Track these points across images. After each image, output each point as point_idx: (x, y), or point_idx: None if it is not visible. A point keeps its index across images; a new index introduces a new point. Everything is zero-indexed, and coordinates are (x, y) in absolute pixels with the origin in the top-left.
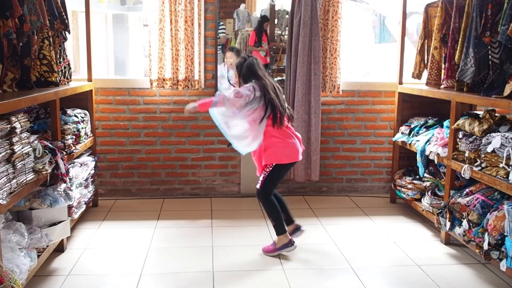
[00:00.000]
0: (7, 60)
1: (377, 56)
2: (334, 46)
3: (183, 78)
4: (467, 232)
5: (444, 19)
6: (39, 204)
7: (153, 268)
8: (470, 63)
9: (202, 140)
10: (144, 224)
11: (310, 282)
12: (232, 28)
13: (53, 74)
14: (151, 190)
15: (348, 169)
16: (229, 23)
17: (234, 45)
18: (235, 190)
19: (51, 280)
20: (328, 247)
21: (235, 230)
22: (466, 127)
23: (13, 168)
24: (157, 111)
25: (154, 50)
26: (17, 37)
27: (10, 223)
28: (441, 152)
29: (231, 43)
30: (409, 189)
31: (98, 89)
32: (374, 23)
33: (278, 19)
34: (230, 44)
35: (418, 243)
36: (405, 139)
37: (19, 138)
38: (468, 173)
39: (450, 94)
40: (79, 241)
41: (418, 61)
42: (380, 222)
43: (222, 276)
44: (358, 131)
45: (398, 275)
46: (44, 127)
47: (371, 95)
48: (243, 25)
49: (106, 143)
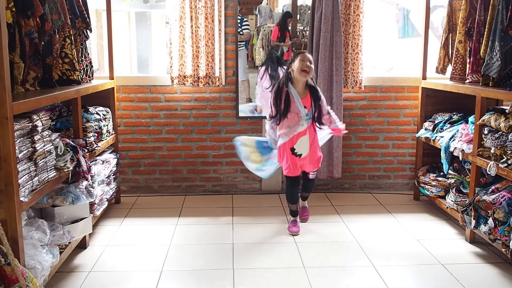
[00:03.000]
0: (29, 59)
1: (401, 51)
2: (356, 41)
3: (204, 75)
4: (492, 231)
5: (469, 12)
6: (61, 201)
7: (174, 265)
8: (496, 57)
9: (223, 137)
10: (166, 221)
11: (331, 280)
12: (254, 25)
13: (75, 72)
14: (173, 187)
15: (371, 166)
16: (251, 19)
17: (256, 41)
18: (257, 187)
19: (73, 276)
20: (350, 244)
21: (257, 227)
22: (492, 122)
23: (35, 166)
24: (178, 108)
25: (174, 47)
26: (39, 36)
27: (32, 220)
28: (466, 149)
29: (253, 40)
30: (433, 186)
31: (120, 86)
32: (398, 17)
33: (300, 15)
34: (253, 40)
35: (442, 241)
36: (429, 135)
37: (41, 136)
38: (494, 170)
39: (475, 89)
40: (101, 238)
41: (442, 56)
42: (403, 220)
43: (242, 274)
44: (380, 127)
45: (421, 273)
46: (67, 125)
47: (394, 90)
48: (265, 21)
49: (128, 140)
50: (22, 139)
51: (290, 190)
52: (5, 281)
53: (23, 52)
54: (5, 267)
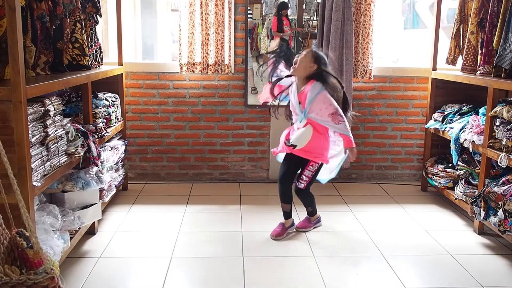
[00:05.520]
0: (40, 43)
1: (406, 42)
2: (366, 30)
3: (213, 62)
4: (502, 222)
5: (481, 3)
6: (71, 187)
7: (183, 252)
8: (509, 48)
9: (231, 125)
10: (174, 208)
11: (341, 269)
12: (260, 14)
13: (84, 57)
14: (180, 174)
15: (379, 156)
16: (256, 8)
17: (261, 30)
18: (264, 175)
19: (83, 262)
20: (359, 234)
21: (265, 216)
22: (504, 114)
23: (46, 151)
24: (186, 96)
25: (184, 34)
26: (50, 20)
27: (44, 205)
28: (477, 140)
29: (258, 29)
30: (441, 177)
31: (128, 73)
32: (404, 8)
33: (306, 4)
34: (258, 29)
35: (450, 232)
36: (438, 126)
37: (53, 121)
38: (505, 162)
39: (487, 80)
40: (110, 224)
41: (453, 46)
42: (411, 210)
43: (253, 262)
44: (389, 117)
45: (431, 263)
46: (76, 110)
47: (403, 81)
48: (270, 10)
49: (135, 127)
50: (34, 124)
51: (279, 186)
52: (26, 264)
53: (35, 36)
54: (27, 250)
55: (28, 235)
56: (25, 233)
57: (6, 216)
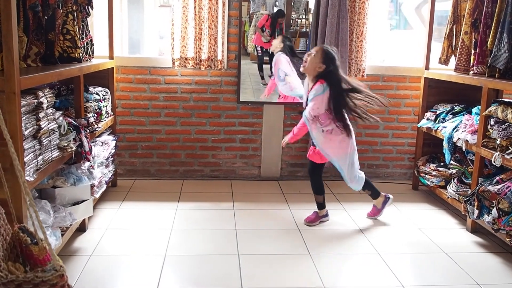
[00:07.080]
0: (32, 34)
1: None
2: (360, 29)
3: (206, 58)
4: (496, 221)
5: (475, 4)
6: (62, 182)
7: (177, 250)
8: (503, 48)
9: (223, 121)
10: (165, 205)
11: (337, 266)
12: (247, 11)
13: (76, 50)
14: (170, 171)
15: (370, 155)
16: (243, 5)
17: (249, 28)
18: (255, 173)
19: (75, 259)
20: (353, 232)
21: (258, 213)
22: (499, 114)
23: (39, 145)
24: (178, 91)
25: (177, 28)
26: (43, 10)
27: (36, 201)
28: (470, 139)
29: (245, 26)
30: (433, 176)
31: (119, 67)
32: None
33: (294, 3)
34: (245, 27)
35: (443, 230)
36: (431, 125)
37: (45, 114)
38: (499, 161)
39: (481, 80)
40: (100, 221)
41: (445, 46)
42: (403, 209)
43: (248, 259)
44: (381, 116)
45: (426, 261)
46: (66, 104)
47: (395, 80)
48: (258, 7)
49: (125, 122)
50: (27, 116)
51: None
52: (30, 261)
53: (27, 26)
54: (32, 246)
55: (32, 231)
56: (28, 228)
57: (8, 210)
